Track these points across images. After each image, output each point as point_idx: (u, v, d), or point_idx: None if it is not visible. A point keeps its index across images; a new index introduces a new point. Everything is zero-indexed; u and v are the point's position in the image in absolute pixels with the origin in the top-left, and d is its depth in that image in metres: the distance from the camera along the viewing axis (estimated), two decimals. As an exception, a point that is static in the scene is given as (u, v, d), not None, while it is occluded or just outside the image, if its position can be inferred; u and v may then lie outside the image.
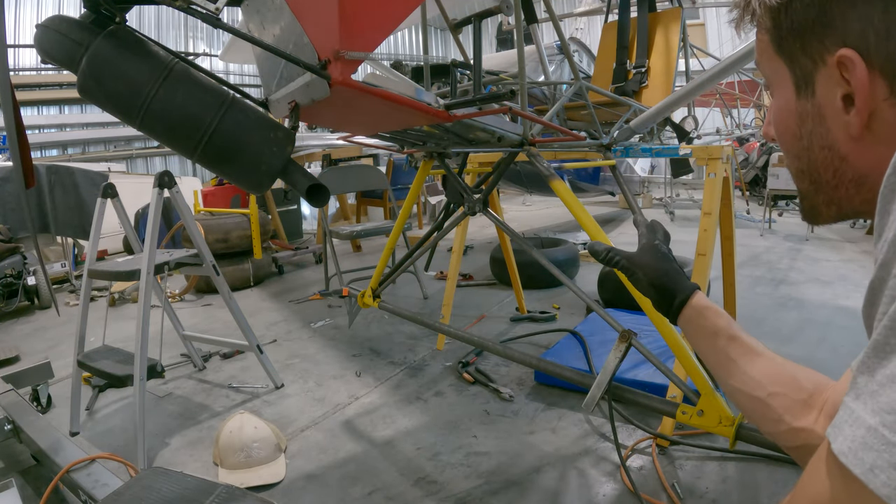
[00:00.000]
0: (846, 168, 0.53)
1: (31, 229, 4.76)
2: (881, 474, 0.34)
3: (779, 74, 0.57)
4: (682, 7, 3.21)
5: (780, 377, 0.77)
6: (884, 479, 0.34)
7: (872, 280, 0.41)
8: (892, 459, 0.34)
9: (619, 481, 1.90)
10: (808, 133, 0.55)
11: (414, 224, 8.23)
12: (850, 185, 0.54)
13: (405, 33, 14.77)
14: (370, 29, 1.20)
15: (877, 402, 0.36)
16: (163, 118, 1.32)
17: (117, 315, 4.32)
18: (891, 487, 0.33)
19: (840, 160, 0.53)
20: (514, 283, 3.68)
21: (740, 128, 8.09)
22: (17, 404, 2.22)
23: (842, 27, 0.48)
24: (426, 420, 2.43)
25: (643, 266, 0.95)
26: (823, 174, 0.56)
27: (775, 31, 0.54)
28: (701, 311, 0.88)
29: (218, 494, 1.43)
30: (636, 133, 2.39)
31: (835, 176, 0.55)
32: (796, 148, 0.57)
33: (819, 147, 0.54)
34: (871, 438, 0.35)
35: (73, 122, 9.81)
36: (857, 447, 0.36)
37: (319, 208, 5.11)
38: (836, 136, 0.52)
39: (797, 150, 0.57)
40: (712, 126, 7.87)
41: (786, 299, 3.83)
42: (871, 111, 0.48)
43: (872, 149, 0.50)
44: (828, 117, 0.52)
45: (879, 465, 0.34)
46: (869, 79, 0.47)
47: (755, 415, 0.79)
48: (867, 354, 0.38)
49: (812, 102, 0.53)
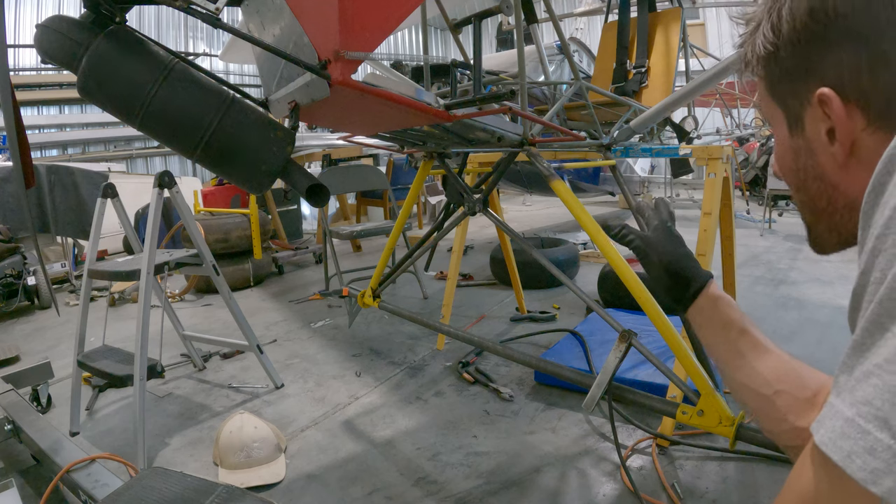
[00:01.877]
0: (838, 195, 0.58)
1: (31, 229, 4.77)
2: (857, 459, 0.37)
3: (775, 116, 0.63)
4: (682, 7, 3.20)
5: (787, 375, 0.77)
6: (860, 464, 0.37)
7: (855, 287, 0.44)
8: (866, 445, 0.37)
9: (619, 481, 1.90)
10: (802, 167, 0.61)
11: (414, 224, 8.22)
12: (844, 210, 0.59)
13: (405, 33, 14.77)
14: (370, 29, 1.20)
15: (854, 395, 0.39)
16: (163, 118, 1.32)
17: (117, 315, 4.33)
18: (866, 471, 0.37)
19: (832, 188, 0.58)
20: (514, 283, 3.68)
21: (740, 128, 8.08)
22: (17, 404, 2.22)
23: (820, 70, 0.54)
24: (426, 420, 2.43)
25: (658, 249, 0.91)
26: (819, 203, 0.61)
27: (767, 77, 0.61)
28: (715, 302, 0.86)
29: (218, 494, 1.43)
30: (636, 133, 2.39)
31: (829, 203, 0.60)
32: (795, 181, 0.63)
33: (812, 178, 0.60)
34: (848, 428, 0.39)
35: (73, 122, 9.80)
36: (836, 437, 0.39)
37: (319, 208, 5.11)
38: (826, 167, 0.57)
39: (796, 184, 0.63)
40: (712, 126, 7.86)
41: (786, 299, 3.83)
42: (853, 141, 0.53)
43: (858, 175, 0.54)
44: (817, 151, 0.58)
45: (856, 451, 0.38)
46: (846, 112, 0.53)
47: (759, 412, 0.79)
48: (847, 354, 0.42)
49: (803, 138, 0.59)
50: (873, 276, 0.41)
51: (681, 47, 3.08)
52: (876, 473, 0.36)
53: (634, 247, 0.94)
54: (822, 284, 4.14)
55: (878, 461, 0.36)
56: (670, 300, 0.91)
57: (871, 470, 0.36)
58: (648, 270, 0.93)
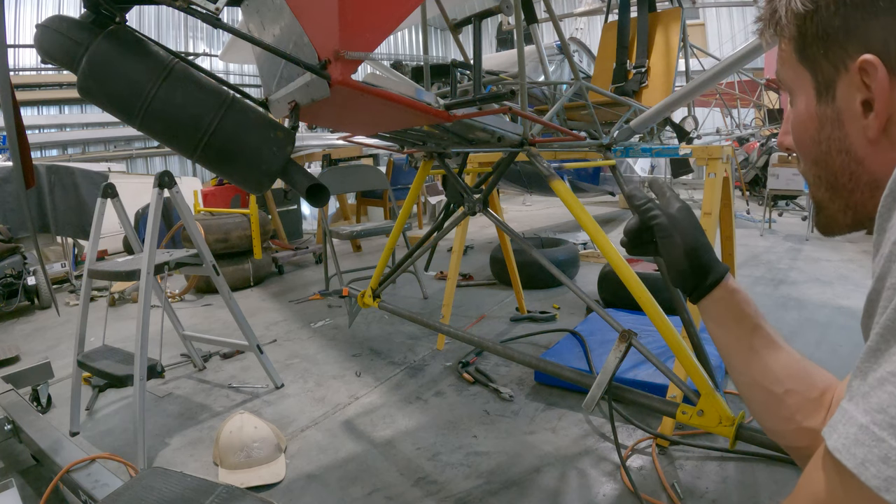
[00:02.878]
0: (862, 172, 0.55)
1: (31, 229, 4.77)
2: (871, 467, 0.37)
3: (800, 81, 0.59)
4: (682, 7, 3.20)
5: (798, 374, 0.75)
6: (874, 472, 0.37)
7: (870, 293, 0.44)
8: (880, 453, 0.37)
9: (619, 481, 1.90)
10: (826, 138, 0.57)
11: (414, 224, 8.23)
12: (866, 188, 0.56)
13: (405, 33, 14.76)
14: (370, 29, 1.20)
15: (868, 402, 0.39)
16: (163, 118, 1.32)
17: (117, 315, 4.33)
18: (880, 479, 0.37)
19: (856, 164, 0.55)
20: (514, 283, 3.68)
21: (740, 128, 8.08)
22: (17, 404, 2.22)
23: (864, 35, 0.50)
24: (426, 420, 2.43)
25: (682, 230, 0.84)
26: (840, 178, 0.58)
27: (800, 38, 0.56)
28: (731, 294, 0.82)
29: (218, 494, 1.43)
30: (636, 133, 2.39)
31: (851, 179, 0.57)
32: (815, 153, 0.59)
33: (837, 151, 0.57)
34: (862, 435, 0.38)
35: (73, 122, 9.80)
36: (850, 443, 0.39)
37: (319, 208, 5.11)
38: (854, 140, 0.54)
39: (815, 156, 0.59)
40: (712, 126, 7.86)
41: (786, 299, 3.83)
42: (889, 115, 0.50)
43: (888, 153, 0.52)
44: (846, 122, 0.54)
45: (870, 458, 0.37)
46: (889, 84, 0.49)
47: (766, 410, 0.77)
48: (861, 360, 0.41)
49: (832, 107, 0.55)
50: (889, 281, 0.40)
51: (681, 47, 3.08)
52: (890, 481, 0.36)
53: (658, 223, 0.86)
54: (822, 284, 4.14)
55: (892, 469, 0.36)
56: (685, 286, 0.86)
57: (885, 478, 0.36)
58: (668, 252, 0.86)
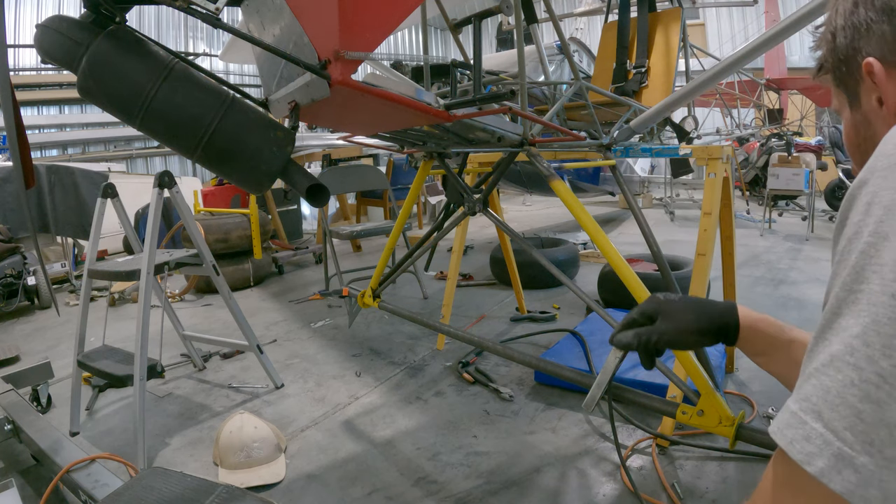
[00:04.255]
0: None
1: (31, 229, 4.76)
2: (797, 444, 0.46)
3: (842, 103, 0.69)
4: (682, 7, 3.20)
5: None
6: (798, 448, 0.46)
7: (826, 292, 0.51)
8: (804, 433, 0.46)
9: (619, 481, 1.90)
10: (863, 139, 0.66)
11: (414, 224, 8.22)
12: None
13: (405, 33, 14.76)
14: (370, 29, 1.20)
15: (799, 393, 0.48)
16: (163, 118, 1.32)
17: (117, 315, 4.33)
18: (803, 454, 0.45)
19: None
20: (514, 283, 3.68)
21: (740, 128, 8.08)
22: (17, 404, 2.22)
23: (866, 46, 0.61)
24: (426, 420, 2.43)
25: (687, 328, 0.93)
26: None
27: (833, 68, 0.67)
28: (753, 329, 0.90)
29: (218, 494, 1.43)
30: (636, 133, 2.38)
31: None
32: (860, 156, 0.67)
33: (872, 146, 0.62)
34: (792, 419, 0.47)
35: (73, 122, 9.79)
36: (783, 426, 0.48)
37: (319, 208, 5.11)
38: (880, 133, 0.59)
39: (860, 158, 0.66)
40: (712, 126, 7.86)
41: (786, 299, 3.83)
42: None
43: None
44: (872, 120, 0.63)
45: (796, 438, 0.46)
46: (887, 75, 0.59)
47: None
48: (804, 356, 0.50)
49: (860, 112, 0.65)
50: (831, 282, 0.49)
51: (681, 47, 3.08)
52: (810, 456, 0.45)
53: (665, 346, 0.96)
54: (821, 284, 4.14)
55: (812, 446, 0.45)
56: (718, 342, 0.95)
57: (806, 453, 0.45)
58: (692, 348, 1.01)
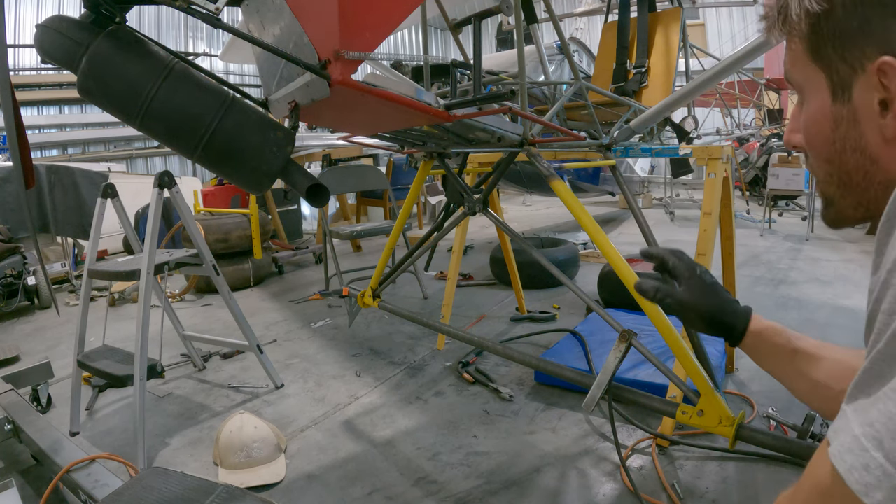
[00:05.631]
0: (876, 171, 0.56)
1: (31, 229, 4.77)
2: (855, 473, 0.43)
3: (812, 80, 0.59)
4: (682, 7, 3.20)
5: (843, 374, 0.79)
6: (857, 477, 0.43)
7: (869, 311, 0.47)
8: (864, 462, 0.42)
9: (619, 481, 1.90)
10: (841, 137, 0.57)
11: (414, 224, 8.22)
12: (880, 187, 0.56)
13: (405, 33, 14.77)
14: (370, 29, 1.20)
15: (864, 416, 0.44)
16: (163, 118, 1.32)
17: (117, 315, 4.33)
18: (861, 484, 0.42)
19: (871, 163, 0.56)
20: (514, 283, 3.68)
21: (740, 128, 8.09)
22: (17, 404, 2.22)
23: (882, 36, 0.50)
24: (426, 420, 2.42)
25: (696, 307, 0.92)
26: (854, 177, 0.58)
27: (813, 37, 0.56)
28: (759, 336, 0.89)
29: (218, 494, 1.43)
30: (636, 133, 2.39)
31: (864, 178, 0.57)
32: (828, 152, 0.60)
33: (851, 150, 0.57)
34: (853, 445, 0.44)
35: (73, 122, 9.80)
36: (844, 451, 0.44)
37: (319, 208, 5.11)
38: (869, 139, 0.55)
39: (828, 154, 0.60)
40: (712, 126, 7.87)
41: (786, 299, 3.83)
42: None
43: None
44: (863, 121, 0.54)
45: (855, 466, 0.43)
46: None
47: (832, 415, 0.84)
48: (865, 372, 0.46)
49: (848, 107, 0.55)
50: (884, 306, 0.44)
51: (681, 47, 3.08)
52: (868, 487, 0.42)
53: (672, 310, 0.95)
54: (821, 284, 4.14)
55: (871, 477, 0.41)
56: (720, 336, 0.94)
57: (864, 483, 0.42)
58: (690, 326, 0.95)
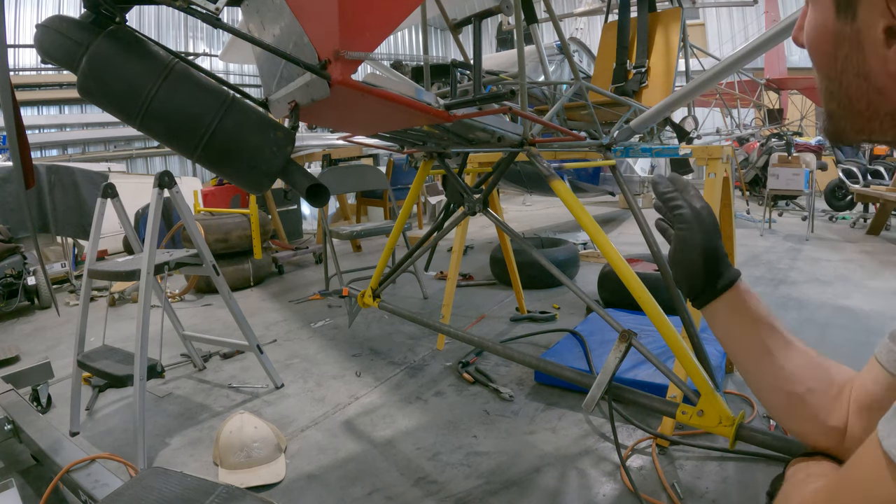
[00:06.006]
0: (882, 101, 0.51)
1: (31, 229, 4.77)
2: None
3: None
4: (682, 7, 3.20)
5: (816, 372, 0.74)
6: None
7: None
8: None
9: (619, 481, 1.90)
10: (843, 57, 0.51)
11: (414, 224, 8.22)
12: (886, 118, 0.51)
13: (405, 33, 14.77)
14: (370, 29, 1.20)
15: None
16: (163, 118, 1.32)
17: (117, 315, 4.33)
18: None
19: (876, 93, 0.50)
20: (514, 283, 3.68)
21: (740, 128, 8.09)
22: (17, 404, 2.22)
23: None
24: (426, 420, 2.43)
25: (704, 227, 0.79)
26: (856, 104, 0.53)
27: None
28: (745, 296, 0.80)
29: (218, 494, 1.43)
30: (636, 133, 2.38)
31: (868, 107, 0.52)
32: (829, 68, 0.54)
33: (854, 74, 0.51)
34: None
35: (73, 122, 9.81)
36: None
37: (319, 208, 5.11)
38: (874, 67, 0.49)
39: (829, 72, 0.54)
40: (712, 126, 7.87)
41: (786, 299, 3.83)
42: None
43: None
44: (866, 46, 0.49)
45: None
46: None
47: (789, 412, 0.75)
48: None
49: (851, 27, 0.50)
50: None
51: (681, 47, 3.08)
52: None
53: (681, 217, 0.80)
54: (821, 284, 4.14)
55: None
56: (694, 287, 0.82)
57: None
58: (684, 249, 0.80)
